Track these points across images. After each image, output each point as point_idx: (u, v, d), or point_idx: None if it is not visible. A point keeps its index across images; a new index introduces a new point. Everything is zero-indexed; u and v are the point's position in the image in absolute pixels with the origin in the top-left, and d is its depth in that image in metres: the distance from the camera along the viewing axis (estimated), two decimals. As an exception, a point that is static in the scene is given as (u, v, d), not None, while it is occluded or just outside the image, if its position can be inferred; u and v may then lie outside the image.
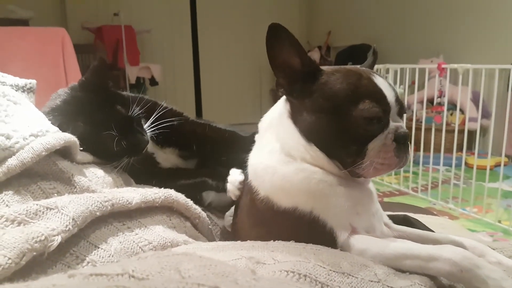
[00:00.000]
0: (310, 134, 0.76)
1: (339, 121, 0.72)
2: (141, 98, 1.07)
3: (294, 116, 0.79)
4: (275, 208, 0.75)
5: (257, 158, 0.83)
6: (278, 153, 0.78)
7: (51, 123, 0.87)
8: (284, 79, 0.77)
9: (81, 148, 0.87)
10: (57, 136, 0.79)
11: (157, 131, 1.03)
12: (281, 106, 0.83)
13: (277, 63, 0.76)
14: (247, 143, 0.89)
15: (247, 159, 0.86)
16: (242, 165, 0.95)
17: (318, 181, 0.74)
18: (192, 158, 1.15)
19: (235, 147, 1.10)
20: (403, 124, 0.75)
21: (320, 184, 0.74)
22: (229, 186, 0.94)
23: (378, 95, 0.72)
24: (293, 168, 0.76)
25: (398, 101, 0.75)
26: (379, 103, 0.71)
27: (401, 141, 0.72)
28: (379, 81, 0.74)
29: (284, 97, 0.83)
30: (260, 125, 0.88)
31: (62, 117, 0.92)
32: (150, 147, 1.06)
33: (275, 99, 0.88)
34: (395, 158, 0.72)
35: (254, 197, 0.79)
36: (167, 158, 1.11)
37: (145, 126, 1.02)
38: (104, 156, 0.95)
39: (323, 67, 0.79)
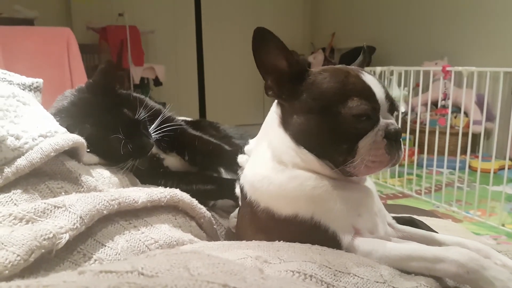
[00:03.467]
0: (300, 136, 0.76)
1: (328, 120, 0.72)
2: (147, 101, 1.07)
3: (285, 119, 0.79)
4: (276, 216, 0.75)
5: (252, 170, 0.83)
6: (270, 161, 0.78)
7: (59, 124, 0.88)
8: (273, 82, 0.77)
9: (88, 150, 0.88)
10: (65, 137, 0.80)
11: (160, 135, 1.04)
12: (273, 111, 0.83)
13: (264, 66, 0.76)
14: (230, 156, 0.90)
15: (241, 172, 0.87)
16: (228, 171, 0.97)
17: (313, 187, 0.73)
18: (194, 163, 1.16)
19: (219, 159, 1.14)
20: (394, 121, 0.75)
21: (315, 190, 0.73)
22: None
23: (366, 92, 0.72)
24: (286, 176, 0.75)
25: (389, 98, 0.75)
26: (367, 100, 0.71)
27: (392, 138, 0.72)
28: (368, 78, 0.74)
29: (275, 101, 0.83)
30: (258, 135, 0.89)
31: (69, 118, 0.93)
32: (155, 150, 1.07)
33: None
34: (387, 155, 0.72)
35: (255, 209, 0.78)
36: (171, 161, 1.12)
37: (150, 129, 1.03)
38: (110, 158, 0.96)
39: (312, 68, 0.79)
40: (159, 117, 1.06)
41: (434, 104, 3.83)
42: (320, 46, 6.07)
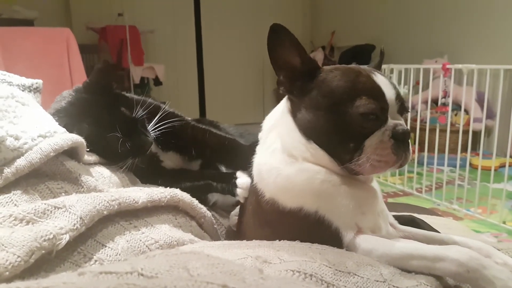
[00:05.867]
0: (309, 132, 0.77)
1: (337, 118, 0.73)
2: (144, 100, 1.07)
3: (295, 114, 0.80)
4: (281, 208, 0.75)
5: (261, 159, 0.84)
6: (280, 153, 0.79)
7: (57, 124, 0.88)
8: (285, 78, 0.79)
9: (87, 149, 0.88)
10: (64, 137, 0.80)
11: (159, 133, 1.04)
12: (283, 105, 0.84)
13: (278, 63, 0.77)
14: (247, 152, 0.90)
15: (252, 160, 0.87)
16: (244, 169, 0.95)
17: (321, 181, 0.74)
18: (196, 159, 1.16)
19: (234, 155, 1.12)
20: (403, 122, 0.75)
21: (323, 184, 0.74)
22: (239, 190, 0.94)
23: (375, 92, 0.72)
24: (295, 168, 0.76)
25: (399, 99, 0.75)
26: (376, 100, 0.72)
27: (399, 138, 0.72)
28: (379, 78, 0.74)
29: (286, 97, 0.84)
30: (263, 125, 0.89)
31: (67, 118, 0.93)
32: (154, 148, 1.07)
33: (278, 99, 0.89)
34: (393, 155, 0.72)
35: (260, 199, 0.79)
36: (170, 159, 1.12)
37: (148, 128, 1.03)
38: (109, 157, 0.96)
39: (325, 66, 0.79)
40: (158, 114, 1.06)
41: (434, 102, 3.83)
42: (319, 45, 6.06)
